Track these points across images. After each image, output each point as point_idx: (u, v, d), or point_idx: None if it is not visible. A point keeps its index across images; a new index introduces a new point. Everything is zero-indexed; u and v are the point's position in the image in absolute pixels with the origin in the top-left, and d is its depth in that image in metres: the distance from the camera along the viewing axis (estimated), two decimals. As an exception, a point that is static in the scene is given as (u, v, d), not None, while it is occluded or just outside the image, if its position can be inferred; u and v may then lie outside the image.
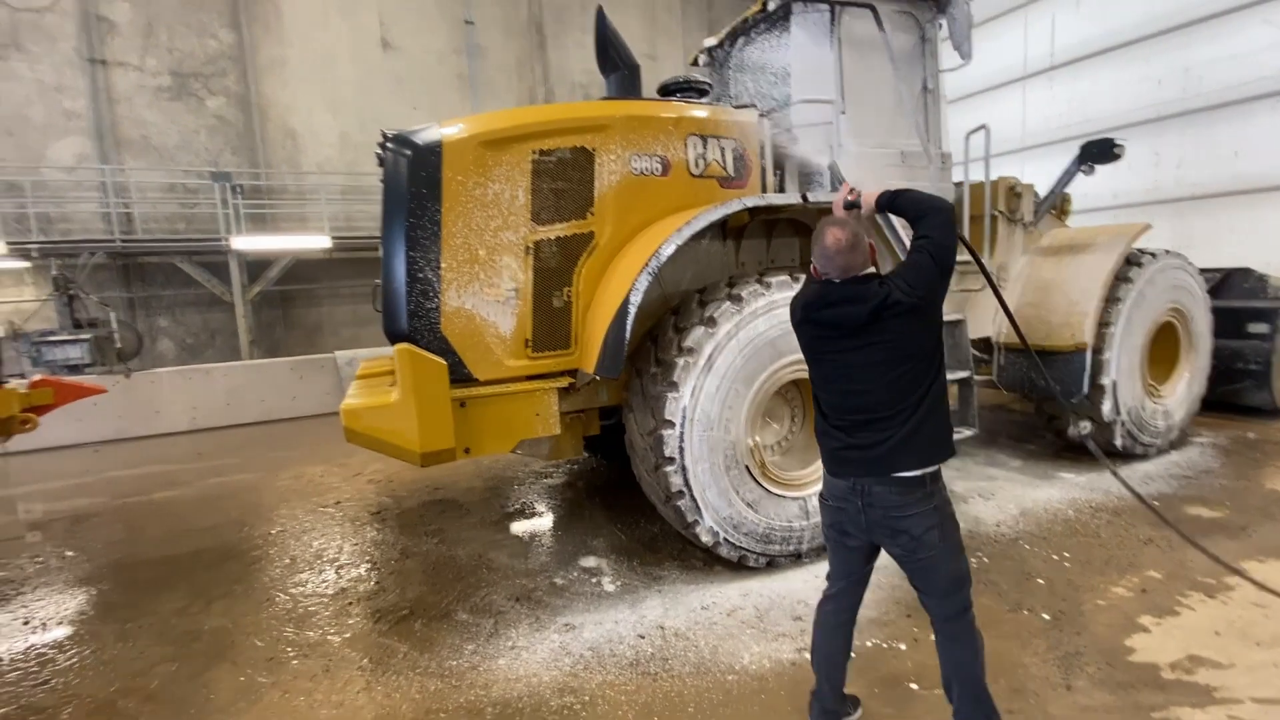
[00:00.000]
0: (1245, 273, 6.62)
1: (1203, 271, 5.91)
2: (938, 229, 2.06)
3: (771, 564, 3.68)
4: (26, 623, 3.68)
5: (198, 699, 2.85)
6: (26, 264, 9.89)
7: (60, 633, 3.53)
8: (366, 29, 11.97)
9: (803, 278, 3.62)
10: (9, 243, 9.50)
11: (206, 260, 10.75)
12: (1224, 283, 6.64)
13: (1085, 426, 2.87)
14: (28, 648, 3.39)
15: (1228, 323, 6.15)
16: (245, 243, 10.46)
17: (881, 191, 2.27)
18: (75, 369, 8.57)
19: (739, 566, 3.67)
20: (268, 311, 11.67)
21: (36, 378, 4.32)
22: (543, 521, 4.78)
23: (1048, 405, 5.45)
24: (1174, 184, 9.29)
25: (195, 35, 10.88)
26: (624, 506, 4.83)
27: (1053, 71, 10.73)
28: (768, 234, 4.54)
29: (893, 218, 3.96)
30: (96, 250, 9.96)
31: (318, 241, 10.97)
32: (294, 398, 9.54)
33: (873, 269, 2.09)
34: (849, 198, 2.39)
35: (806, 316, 2.14)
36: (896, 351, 2.01)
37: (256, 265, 11.01)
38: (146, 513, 5.53)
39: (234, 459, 7.27)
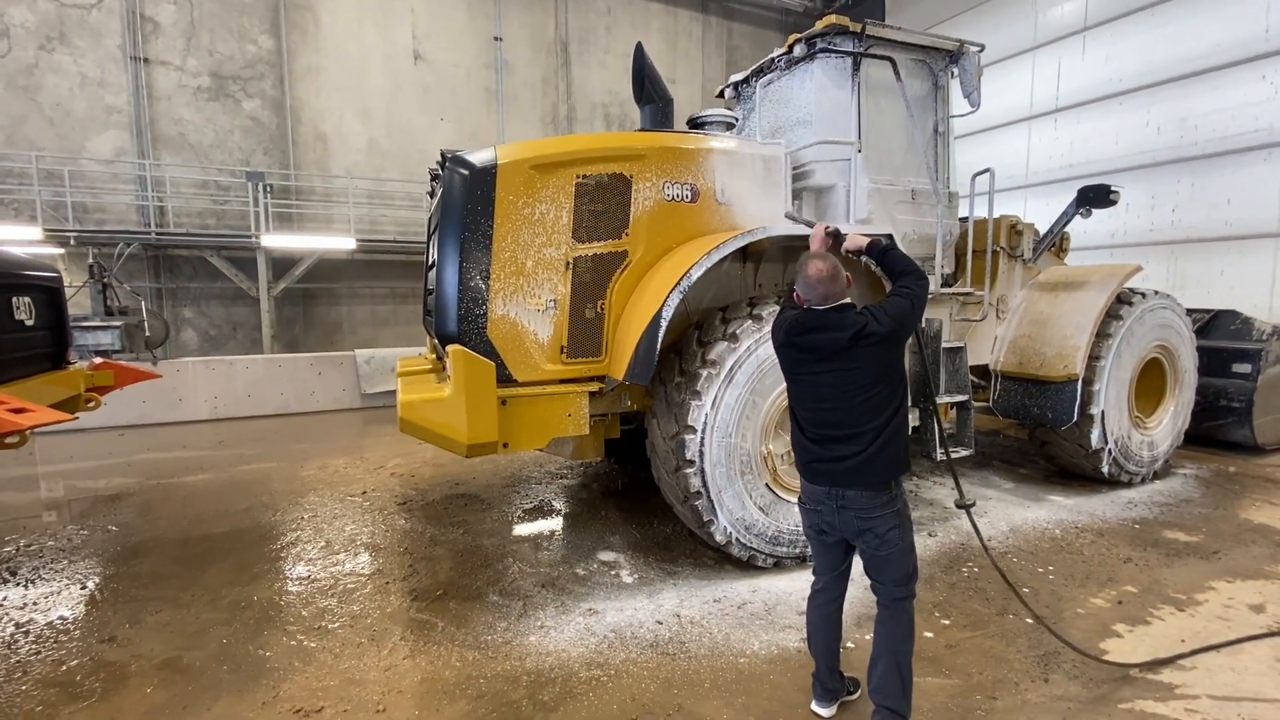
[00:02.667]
0: (1232, 314, 6.97)
1: (1192, 312, 6.26)
2: (919, 286, 2.42)
3: (778, 564, 3.97)
4: (84, 587, 3.96)
5: (255, 657, 3.13)
6: (61, 251, 10.23)
7: (116, 598, 3.80)
8: (399, 41, 12.42)
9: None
10: (46, 229, 9.86)
11: (234, 255, 11.11)
12: (1212, 323, 6.99)
13: (970, 500, 3.20)
14: (89, 609, 3.67)
15: (1213, 361, 6.51)
16: (274, 240, 10.82)
17: (873, 241, 2.66)
18: (105, 354, 8.86)
19: (748, 566, 3.96)
20: (289, 308, 12.00)
21: (98, 361, 4.62)
22: (561, 518, 5.07)
23: (1040, 432, 5.76)
24: (1169, 227, 9.68)
25: (236, 39, 11.32)
26: (638, 508, 5.12)
27: (1057, 114, 11.17)
28: (785, 260, 4.87)
29: (901, 249, 4.30)
30: (132, 241, 10.31)
31: (342, 243, 11.33)
32: (313, 392, 9.85)
33: (848, 299, 2.39)
34: (829, 230, 2.77)
35: (788, 340, 2.39)
36: (867, 376, 2.27)
37: (282, 263, 11.37)
38: (179, 494, 5.81)
39: (256, 448, 7.56)
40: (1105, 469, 5.40)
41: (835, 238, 2.81)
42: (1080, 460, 5.49)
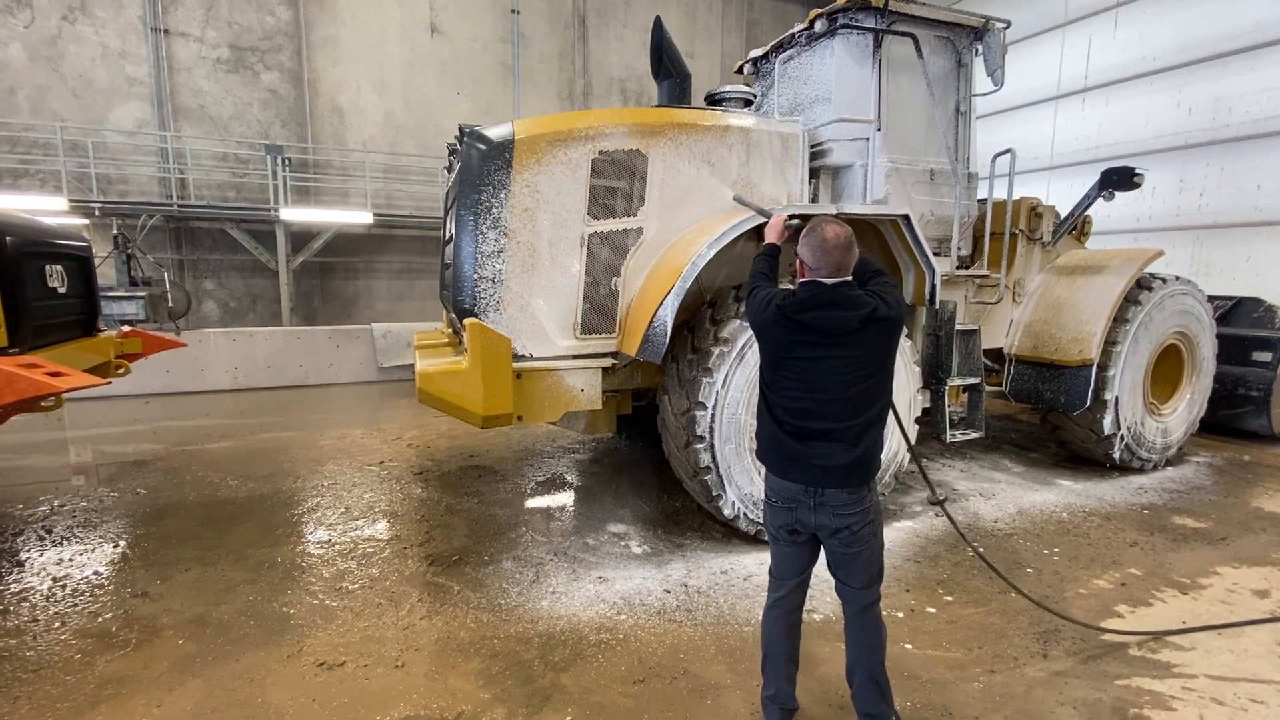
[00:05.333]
0: (1255, 302, 6.86)
1: (1214, 299, 6.17)
2: (893, 285, 2.29)
3: (785, 540, 4.04)
4: (116, 545, 4.13)
5: (280, 614, 3.27)
6: (86, 221, 10.40)
7: (147, 556, 3.97)
8: (416, 13, 12.34)
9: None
10: (71, 200, 10.03)
11: (253, 228, 11.24)
12: (1234, 310, 6.89)
13: (941, 494, 3.19)
14: (121, 567, 3.84)
15: (1233, 349, 6.43)
16: (293, 214, 10.92)
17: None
18: (130, 324, 9.05)
19: (754, 540, 4.04)
20: (307, 281, 12.15)
21: (126, 329, 4.75)
22: (573, 491, 5.18)
23: (1053, 417, 5.75)
24: (1196, 211, 9.47)
25: (255, 11, 11.31)
26: (648, 483, 5.21)
27: (1085, 93, 10.89)
28: (798, 240, 4.86)
29: (917, 229, 4.28)
30: (155, 212, 10.46)
31: (360, 217, 11.41)
32: (331, 365, 10.01)
33: (849, 276, 2.21)
34: (790, 221, 2.64)
35: (786, 316, 2.15)
36: (870, 364, 2.12)
37: (300, 236, 11.49)
38: (203, 460, 5.99)
39: (276, 418, 7.73)
40: (1117, 455, 5.39)
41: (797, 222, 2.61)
42: (1092, 446, 5.48)
